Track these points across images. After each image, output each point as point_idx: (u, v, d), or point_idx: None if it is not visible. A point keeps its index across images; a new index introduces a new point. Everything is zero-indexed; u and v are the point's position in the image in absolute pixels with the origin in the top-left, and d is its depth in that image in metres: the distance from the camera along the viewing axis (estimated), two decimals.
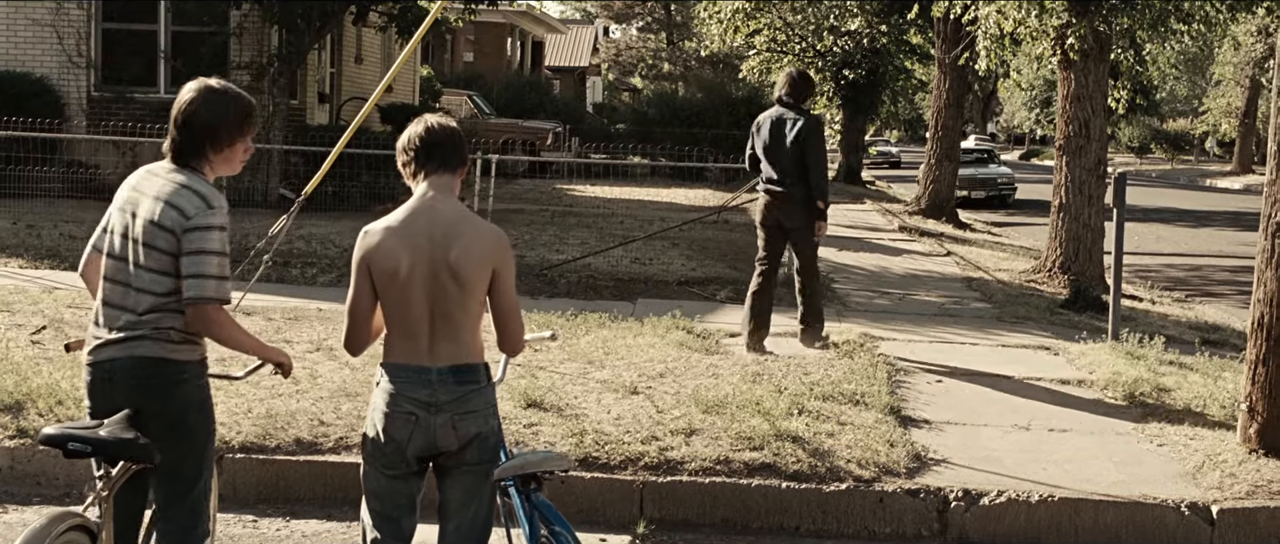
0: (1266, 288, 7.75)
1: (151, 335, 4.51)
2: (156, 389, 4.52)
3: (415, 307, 4.47)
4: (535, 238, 16.57)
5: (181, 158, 4.58)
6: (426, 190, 4.58)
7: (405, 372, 4.47)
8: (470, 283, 4.49)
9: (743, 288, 12.88)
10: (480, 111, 31.66)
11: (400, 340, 4.50)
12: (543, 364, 9.35)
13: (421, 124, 4.70)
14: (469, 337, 4.54)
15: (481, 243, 4.52)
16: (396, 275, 4.45)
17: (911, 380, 9.47)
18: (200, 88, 4.61)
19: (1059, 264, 15.76)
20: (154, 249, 4.48)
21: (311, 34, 19.11)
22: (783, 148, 10.29)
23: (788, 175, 10.31)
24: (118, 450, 4.39)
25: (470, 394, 4.51)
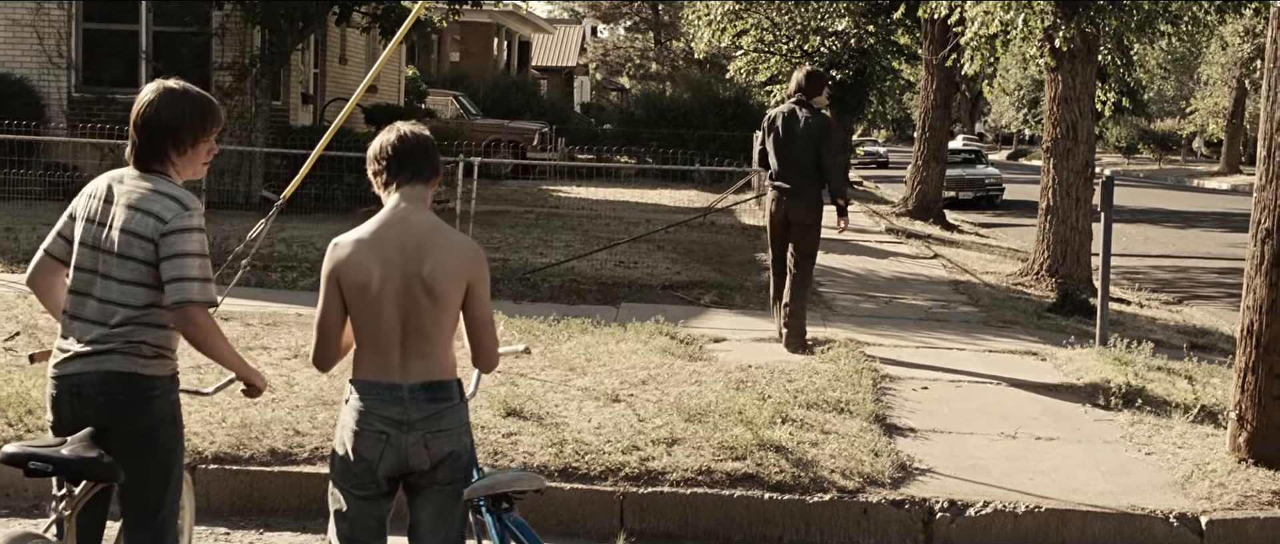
0: (1256, 295, 7.65)
1: (122, 350, 4.37)
2: (125, 406, 4.38)
3: (386, 321, 4.33)
4: (519, 240, 16.45)
5: (144, 161, 4.45)
6: (398, 201, 4.44)
7: (376, 389, 4.33)
8: (444, 297, 4.36)
9: (728, 292, 12.82)
10: (466, 112, 31.52)
11: (370, 356, 4.37)
12: (524, 371, 9.22)
13: (393, 132, 4.55)
14: (442, 352, 4.42)
15: (455, 256, 4.39)
16: (367, 289, 4.32)
17: (897, 387, 9.36)
18: (158, 89, 4.48)
19: (1046, 267, 15.66)
20: (129, 259, 4.34)
21: (294, 35, 18.96)
22: (794, 144, 10.36)
23: (798, 172, 10.38)
24: (80, 470, 4.26)
25: (443, 412, 4.38)
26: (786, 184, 10.45)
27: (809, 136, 10.31)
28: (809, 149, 10.30)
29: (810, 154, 10.31)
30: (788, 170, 10.44)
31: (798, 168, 10.38)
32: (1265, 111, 7.57)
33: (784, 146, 10.43)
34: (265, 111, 19.16)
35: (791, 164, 10.41)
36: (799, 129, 10.36)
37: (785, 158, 10.43)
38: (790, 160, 10.41)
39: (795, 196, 10.43)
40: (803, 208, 10.45)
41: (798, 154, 10.36)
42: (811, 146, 10.30)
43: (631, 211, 22.12)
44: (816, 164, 10.35)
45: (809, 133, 10.32)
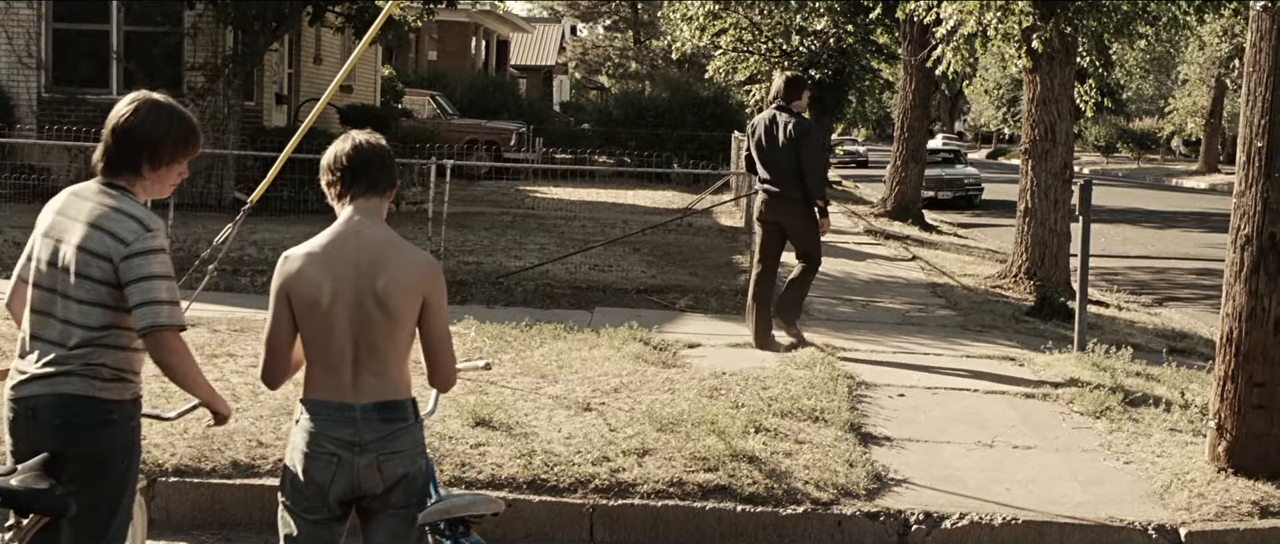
0: (1235, 302, 7.54)
1: (80, 372, 4.19)
2: (82, 430, 4.20)
3: (338, 338, 4.17)
4: (494, 243, 16.28)
5: (113, 170, 4.24)
6: (352, 214, 4.28)
7: (327, 409, 4.17)
8: (399, 313, 4.19)
9: (703, 296, 12.68)
10: (443, 112, 31.33)
11: (321, 375, 4.20)
12: (494, 379, 9.06)
13: (348, 141, 4.37)
14: (396, 371, 4.25)
15: (411, 270, 4.22)
16: (318, 304, 4.15)
17: (873, 394, 9.23)
18: (143, 99, 4.28)
19: (1025, 269, 15.57)
20: (87, 278, 4.16)
21: (267, 35, 18.76)
22: (776, 149, 10.55)
23: (782, 177, 10.56)
24: (28, 502, 4.10)
25: (397, 433, 4.21)
26: (774, 188, 10.62)
27: (789, 141, 10.49)
28: (790, 153, 10.48)
29: (792, 158, 10.48)
30: (773, 175, 10.63)
31: (781, 172, 10.56)
32: (1245, 116, 7.46)
33: (767, 153, 10.63)
34: (238, 112, 18.96)
35: (775, 169, 10.60)
36: (779, 134, 10.55)
37: (769, 163, 10.62)
38: (774, 165, 10.60)
39: (783, 200, 10.61)
40: (792, 212, 10.63)
41: (780, 159, 10.54)
42: (792, 150, 10.47)
43: (608, 213, 21.98)
44: (798, 167, 10.51)
45: (789, 137, 10.50)
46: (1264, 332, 7.45)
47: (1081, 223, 10.94)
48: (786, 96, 10.76)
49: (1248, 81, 7.46)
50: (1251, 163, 7.43)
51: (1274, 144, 7.33)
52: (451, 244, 15.80)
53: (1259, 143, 7.37)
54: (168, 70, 19.56)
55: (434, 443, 7.39)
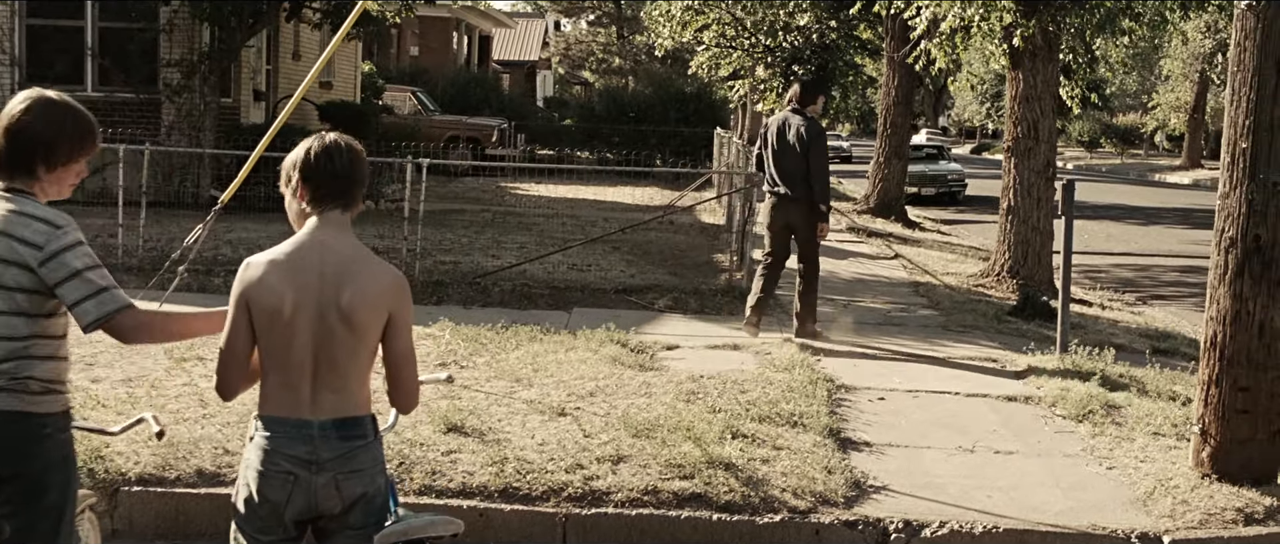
0: (1219, 306, 7.42)
1: (8, 387, 4.01)
2: (14, 448, 4.02)
3: (298, 351, 3.99)
4: (472, 241, 16.12)
5: (8, 173, 4.06)
6: (319, 223, 4.09)
7: (283, 425, 4.00)
8: (363, 327, 4.02)
9: (683, 296, 12.55)
10: (424, 108, 31.14)
11: (279, 389, 4.03)
12: (468, 382, 8.92)
13: (320, 144, 4.12)
14: (356, 386, 4.09)
15: (377, 283, 4.05)
16: (280, 315, 3.98)
17: (853, 398, 9.10)
18: (35, 98, 4.10)
19: (1007, 268, 15.46)
20: (3, 288, 4.00)
21: (243, 31, 18.56)
22: (788, 153, 10.84)
23: (793, 180, 10.85)
24: None
25: (356, 451, 4.05)
26: (784, 191, 10.86)
27: (801, 144, 10.75)
28: (801, 156, 10.75)
29: (802, 161, 10.75)
30: (784, 177, 10.88)
31: (791, 175, 10.82)
32: (1229, 116, 7.33)
33: (779, 154, 10.87)
34: (214, 109, 18.76)
35: (786, 171, 10.86)
36: (790, 137, 10.81)
37: (780, 165, 10.87)
38: (785, 167, 10.86)
39: (795, 202, 10.86)
40: (802, 214, 10.88)
41: (791, 161, 10.81)
42: (803, 154, 10.74)
43: (590, 210, 21.82)
44: (804, 169, 10.76)
45: (800, 140, 10.76)
46: (1248, 335, 7.33)
47: (1064, 222, 10.81)
48: (801, 100, 11.06)
49: (1231, 81, 7.34)
50: (1235, 164, 7.31)
51: (1258, 145, 7.21)
52: (429, 243, 15.64)
53: (1243, 144, 7.25)
54: (143, 67, 19.36)
55: (404, 450, 7.25)
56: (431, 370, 9.29)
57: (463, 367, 9.41)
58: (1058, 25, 15.01)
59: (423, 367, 8.56)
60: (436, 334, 10.32)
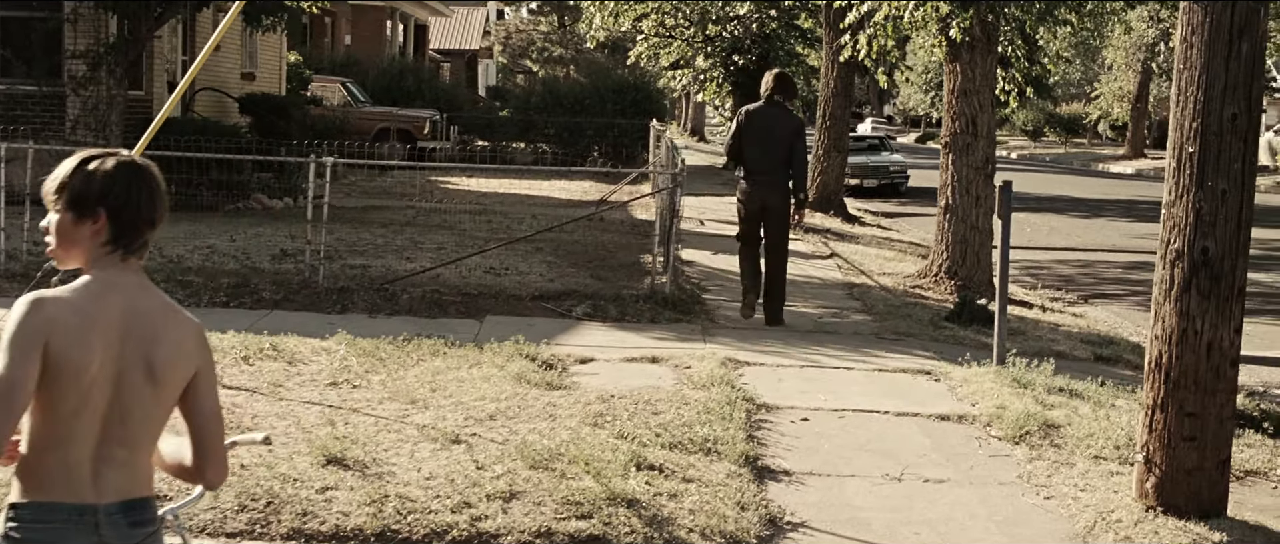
0: (1165, 324, 6.83)
1: None
2: None
3: (87, 418, 3.24)
4: (388, 242, 15.37)
5: None
6: (122, 266, 3.34)
7: (58, 513, 3.24)
8: (170, 387, 3.29)
9: (603, 303, 11.92)
10: (354, 99, 30.28)
11: (54, 465, 3.23)
12: (358, 405, 8.23)
13: (140, 174, 3.35)
14: (143, 460, 3.36)
15: (188, 337, 3.32)
16: (83, 372, 3.19)
17: (774, 419, 8.47)
18: None
19: (945, 268, 14.89)
20: None
21: (150, 21, 17.71)
22: (774, 142, 11.36)
23: (777, 166, 11.41)
24: None
25: (147, 540, 3.34)
26: (767, 177, 11.42)
27: (786, 134, 11.39)
28: (785, 145, 11.33)
29: (785, 150, 11.33)
30: (768, 165, 11.43)
31: (775, 163, 11.37)
32: (1175, 119, 6.74)
33: (763, 141, 11.40)
34: (121, 103, 17.90)
35: (769, 158, 11.39)
36: (777, 127, 11.38)
37: (765, 154, 11.39)
38: (768, 154, 11.39)
39: (773, 187, 11.44)
40: (778, 196, 11.49)
41: (775, 149, 11.34)
42: (787, 143, 11.34)
43: (519, 207, 21.13)
44: (788, 159, 11.38)
45: (786, 131, 11.40)
46: (1195, 356, 6.76)
47: (1001, 225, 10.24)
48: (783, 93, 11.62)
49: (1177, 80, 6.75)
50: (1182, 170, 6.72)
51: (1206, 149, 6.63)
52: (343, 244, 14.92)
53: (1190, 148, 6.67)
54: (46, 58, 18.50)
55: (275, 487, 6.56)
56: (321, 391, 8.60)
57: (355, 386, 8.71)
58: (996, 16, 14.44)
59: (315, 392, 7.93)
60: (331, 349, 9.62)
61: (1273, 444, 8.45)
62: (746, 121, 11.56)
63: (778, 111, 11.51)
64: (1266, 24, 6.72)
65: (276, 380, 8.77)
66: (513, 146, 33.71)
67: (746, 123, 11.55)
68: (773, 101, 11.55)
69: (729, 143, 11.92)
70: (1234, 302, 6.74)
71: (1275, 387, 11.84)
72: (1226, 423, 6.86)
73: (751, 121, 11.52)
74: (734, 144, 11.71)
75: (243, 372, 8.94)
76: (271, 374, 8.93)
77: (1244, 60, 6.56)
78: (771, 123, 11.42)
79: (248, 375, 8.85)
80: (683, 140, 64.61)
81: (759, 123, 11.47)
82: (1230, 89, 6.56)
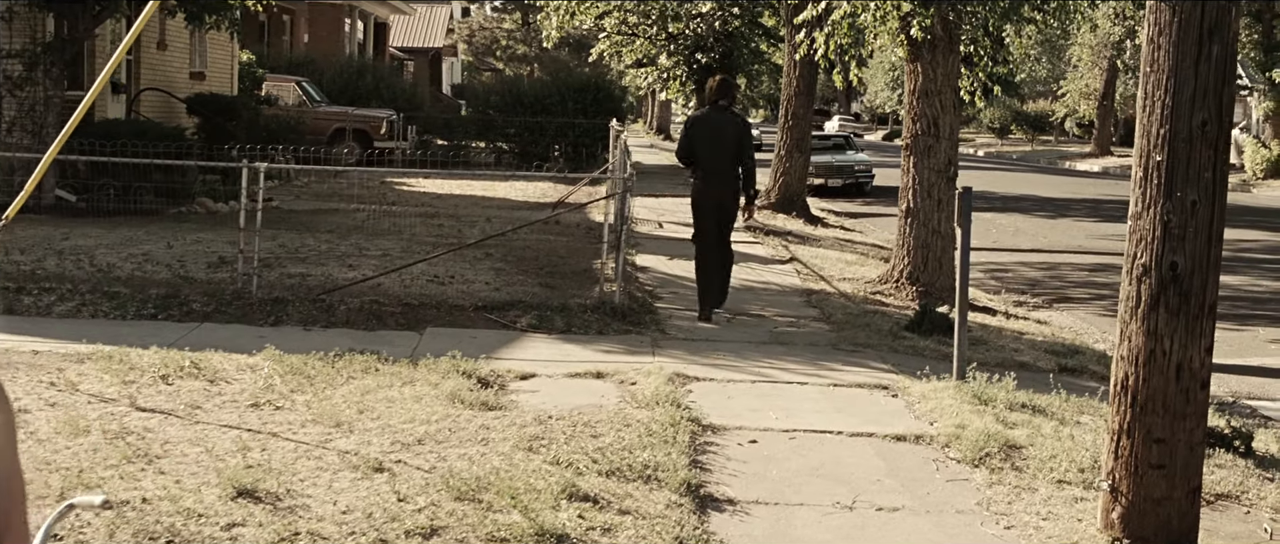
0: (1131, 343, 6.40)
1: None
2: None
3: None
4: (332, 248, 14.83)
5: None
6: None
7: None
8: None
9: (549, 313, 11.47)
10: (310, 99, 29.69)
11: None
12: (279, 429, 7.74)
13: None
14: None
15: None
16: None
17: (721, 441, 8.00)
18: None
19: (907, 274, 14.46)
20: None
21: (88, 20, 17.12)
22: (725, 143, 12.07)
23: (728, 167, 12.09)
24: None
25: None
26: (720, 177, 12.08)
27: (735, 136, 12.12)
28: (734, 146, 12.06)
29: (734, 150, 12.05)
30: (721, 166, 12.10)
31: (723, 162, 12.07)
32: (1142, 124, 6.31)
33: (714, 144, 12.06)
34: (58, 104, 17.31)
35: (718, 159, 12.09)
36: (724, 130, 12.10)
37: (718, 155, 12.07)
38: (718, 155, 12.08)
39: (724, 187, 12.13)
40: (729, 195, 12.17)
41: (724, 150, 12.06)
42: (736, 144, 12.08)
43: (475, 209, 20.63)
44: (737, 159, 12.09)
45: (733, 132, 12.14)
46: (1164, 378, 6.33)
47: (960, 235, 9.81)
48: (726, 97, 12.38)
49: (1144, 83, 6.32)
50: (1149, 179, 6.29)
51: (1175, 157, 6.20)
52: (284, 250, 14.41)
53: (1157, 156, 6.24)
54: None
55: (177, 523, 6.07)
56: (241, 413, 8.09)
57: (278, 407, 8.22)
58: (958, 15, 14.02)
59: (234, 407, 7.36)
60: (256, 366, 9.11)
61: (1245, 465, 8.05)
62: (695, 127, 12.37)
63: (724, 115, 12.25)
64: (1238, 24, 6.30)
65: (195, 401, 8.27)
66: (473, 146, 33.19)
67: (696, 128, 12.33)
68: (718, 106, 12.28)
69: (680, 148, 12.52)
70: (1205, 320, 6.32)
71: (1246, 396, 11.47)
72: (1197, 449, 6.44)
73: (700, 126, 12.29)
74: (685, 149, 12.35)
75: (160, 392, 8.43)
76: (191, 394, 8.43)
77: (1215, 63, 6.13)
78: (719, 126, 12.14)
79: (165, 396, 8.34)
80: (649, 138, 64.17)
81: (707, 127, 12.18)
82: (1200, 94, 6.14)
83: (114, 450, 7.07)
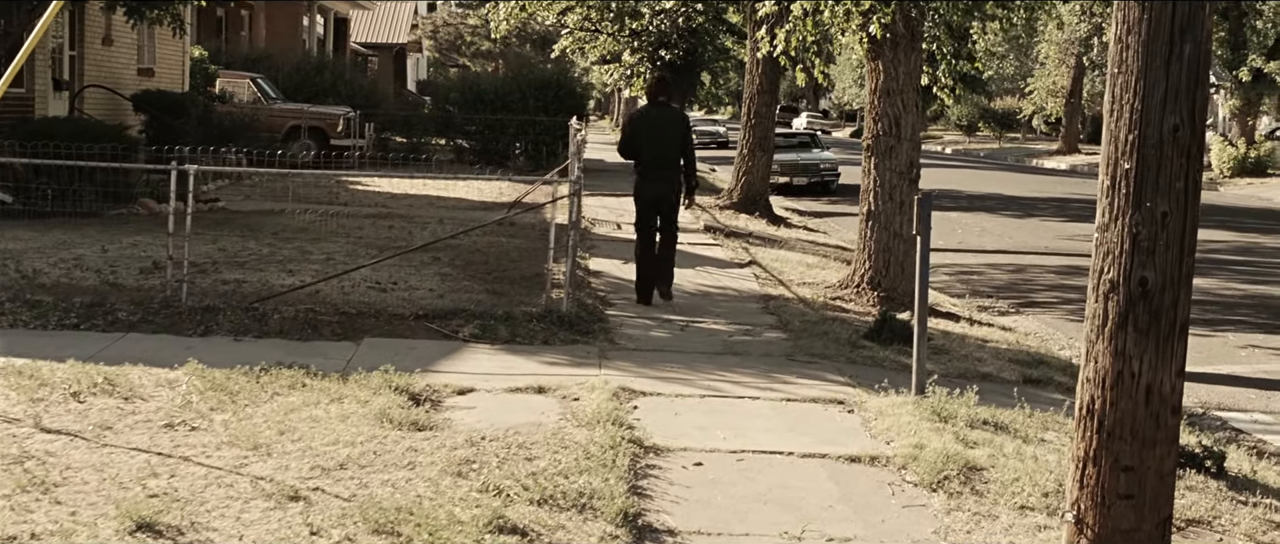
0: (1097, 364, 5.95)
1: None
2: None
3: None
4: (274, 252, 14.28)
5: None
6: None
7: None
8: None
9: (493, 323, 11.00)
10: (265, 96, 29.08)
11: None
12: (192, 452, 7.23)
13: None
14: None
15: None
16: None
17: (664, 464, 7.53)
18: None
19: (868, 279, 14.03)
20: None
21: (22, 15, 16.52)
22: (665, 139, 12.66)
23: (671, 161, 12.74)
24: None
25: None
26: (665, 171, 12.66)
27: (675, 130, 12.75)
28: (675, 140, 12.69)
29: (676, 144, 12.69)
30: (665, 160, 12.69)
31: (670, 158, 12.70)
32: (1108, 130, 5.87)
33: (655, 138, 12.64)
34: None
35: (661, 153, 12.66)
36: (668, 125, 12.72)
37: (662, 150, 12.66)
38: (660, 150, 12.65)
39: (666, 180, 12.69)
40: (671, 187, 12.74)
41: (666, 145, 12.65)
42: (677, 138, 12.70)
43: (429, 209, 20.10)
44: (679, 152, 12.73)
45: (674, 127, 12.78)
46: (1132, 402, 5.88)
47: (920, 243, 9.37)
48: (665, 94, 13.05)
49: (1111, 85, 5.87)
50: (1116, 189, 5.84)
51: (1144, 165, 5.75)
52: (224, 254, 13.89)
53: (1125, 164, 5.79)
54: None
55: None
56: (153, 435, 7.58)
57: (194, 428, 7.71)
58: (920, 11, 13.58)
59: (145, 426, 6.85)
60: (176, 381, 8.60)
61: (1217, 487, 7.65)
62: (639, 123, 12.87)
63: (664, 111, 12.85)
64: (1211, 22, 5.86)
65: (106, 422, 7.75)
66: (433, 144, 32.63)
67: (639, 124, 12.84)
68: (658, 103, 12.88)
69: (622, 144, 13.06)
70: (1176, 340, 5.88)
71: (1216, 407, 11.09)
72: (1168, 478, 5.99)
73: (643, 122, 12.83)
74: (628, 144, 12.89)
75: (69, 412, 7.91)
76: (102, 413, 7.91)
77: (1187, 63, 5.69)
78: (659, 121, 12.73)
79: (73, 416, 7.82)
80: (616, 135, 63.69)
81: (648, 123, 12.76)
82: (1171, 97, 5.69)
83: (9, 479, 6.57)
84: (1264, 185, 41.06)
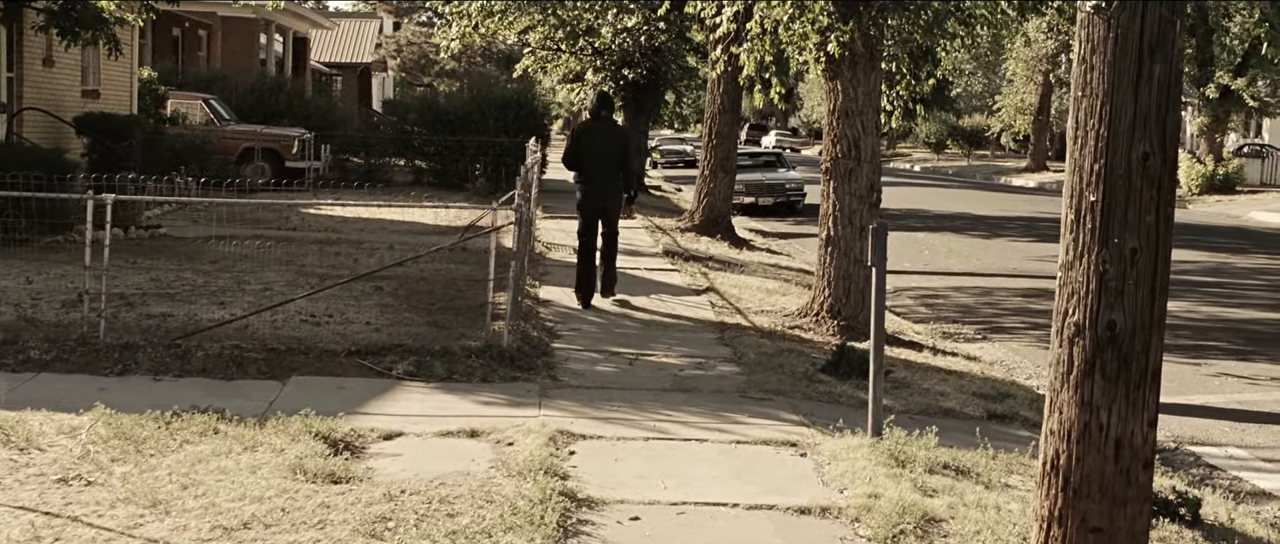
0: (1062, 416, 5.44)
1: None
2: None
3: None
4: (208, 283, 13.67)
5: None
6: None
7: None
8: None
9: (429, 359, 10.41)
10: (218, 117, 28.43)
11: None
12: (83, 511, 6.64)
13: None
14: None
15: None
16: None
17: (598, 519, 6.96)
18: None
19: (827, 307, 13.51)
20: None
21: None
22: (605, 151, 13.40)
23: (611, 171, 13.50)
24: None
25: None
26: (604, 183, 13.40)
27: (617, 143, 13.54)
28: (616, 152, 13.44)
29: (617, 156, 13.44)
30: (604, 171, 13.43)
31: (610, 170, 13.45)
32: (1073, 159, 5.36)
33: (597, 151, 13.39)
34: None
35: (602, 165, 13.40)
36: (608, 138, 13.49)
37: (602, 162, 13.39)
38: (601, 162, 13.39)
39: (608, 191, 13.48)
40: (613, 198, 13.54)
41: (607, 157, 13.40)
42: (618, 150, 13.46)
43: (380, 234, 19.52)
44: (619, 163, 13.46)
45: (615, 140, 13.56)
46: (1100, 457, 5.38)
47: (875, 276, 8.87)
48: (607, 108, 13.79)
49: (1075, 110, 5.37)
50: (1081, 223, 5.34)
51: (1112, 197, 5.25)
52: (155, 284, 13.30)
53: (1091, 195, 5.29)
54: None
55: None
56: (44, 491, 6.97)
57: (90, 482, 7.11)
58: (879, 29, 13.08)
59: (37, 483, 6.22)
60: (78, 427, 7.99)
61: (1192, 536, 7.13)
62: (582, 136, 13.62)
63: (606, 125, 13.65)
64: (1182, 40, 5.36)
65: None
66: (393, 164, 32.01)
67: (582, 137, 13.60)
68: (600, 117, 13.67)
69: (566, 156, 13.64)
70: (1148, 388, 5.38)
71: (1188, 442, 10.59)
72: (1140, 537, 5.49)
73: (585, 136, 13.60)
74: (572, 157, 13.55)
75: None
76: None
77: (1157, 85, 5.20)
78: (601, 134, 13.50)
79: None
80: None
81: (590, 136, 13.52)
82: (1141, 121, 5.20)
83: None
84: (1232, 202, 40.79)
